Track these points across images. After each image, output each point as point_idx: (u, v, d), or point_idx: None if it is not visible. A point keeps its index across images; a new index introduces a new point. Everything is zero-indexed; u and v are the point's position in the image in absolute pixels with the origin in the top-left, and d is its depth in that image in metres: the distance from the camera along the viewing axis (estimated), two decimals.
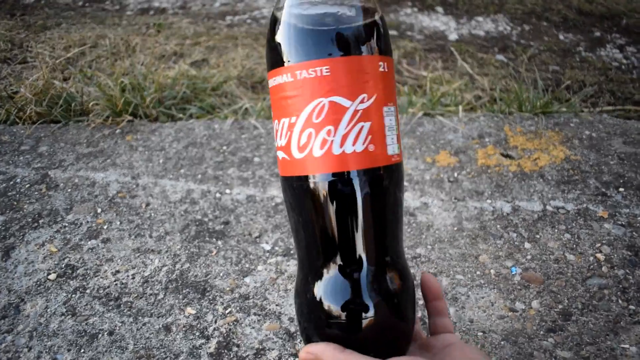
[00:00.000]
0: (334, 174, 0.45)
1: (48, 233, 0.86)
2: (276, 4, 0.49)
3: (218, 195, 0.93)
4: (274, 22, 0.47)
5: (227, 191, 0.94)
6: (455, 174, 0.97)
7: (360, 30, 0.45)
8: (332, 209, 0.46)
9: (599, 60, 1.89)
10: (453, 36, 1.95)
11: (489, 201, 0.91)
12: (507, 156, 1.03)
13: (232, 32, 1.87)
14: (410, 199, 0.91)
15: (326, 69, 0.44)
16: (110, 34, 1.83)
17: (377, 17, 0.47)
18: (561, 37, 2.06)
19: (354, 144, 0.45)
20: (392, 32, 1.94)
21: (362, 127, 0.45)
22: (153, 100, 1.21)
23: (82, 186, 0.97)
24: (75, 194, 0.95)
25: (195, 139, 1.09)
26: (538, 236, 0.84)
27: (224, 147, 1.06)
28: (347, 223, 0.46)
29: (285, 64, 0.45)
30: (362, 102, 0.45)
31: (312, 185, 0.46)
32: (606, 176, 0.99)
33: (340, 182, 0.45)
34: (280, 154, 0.48)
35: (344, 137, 0.44)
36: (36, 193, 0.96)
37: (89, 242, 0.84)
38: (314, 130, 0.45)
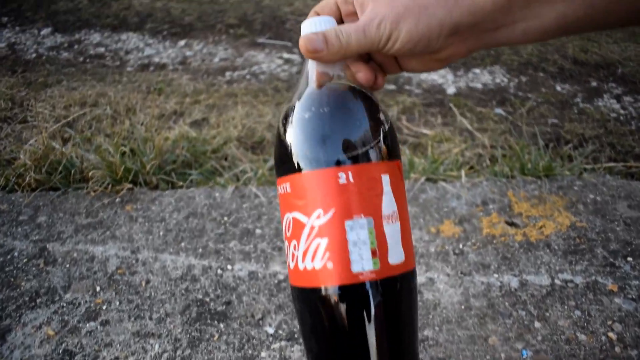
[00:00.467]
0: (309, 288, 0.46)
1: (45, 314, 0.84)
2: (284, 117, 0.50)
3: (219, 271, 0.91)
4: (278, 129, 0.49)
5: (229, 267, 0.92)
6: (461, 246, 0.96)
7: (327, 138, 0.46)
8: (317, 320, 0.46)
9: (597, 111, 1.91)
10: (451, 90, 1.97)
11: (495, 275, 0.90)
12: (512, 224, 1.02)
13: (231, 89, 1.89)
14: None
15: (288, 185, 0.46)
16: (110, 92, 1.84)
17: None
18: (558, 87, 2.08)
19: (312, 260, 0.44)
20: (390, 87, 1.96)
21: (319, 244, 0.44)
22: (153, 167, 1.20)
23: (80, 261, 0.95)
24: (73, 269, 0.93)
25: (196, 209, 1.08)
26: (548, 314, 0.83)
27: (225, 218, 1.05)
28: (330, 335, 0.46)
29: (276, 175, 0.50)
30: (317, 217, 0.44)
31: (297, 294, 0.48)
32: (613, 244, 0.98)
33: (314, 297, 0.45)
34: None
35: (304, 253, 0.44)
36: (34, 268, 0.94)
37: (88, 325, 0.82)
38: (287, 242, 0.47)
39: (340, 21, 0.53)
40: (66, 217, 1.07)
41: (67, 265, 0.94)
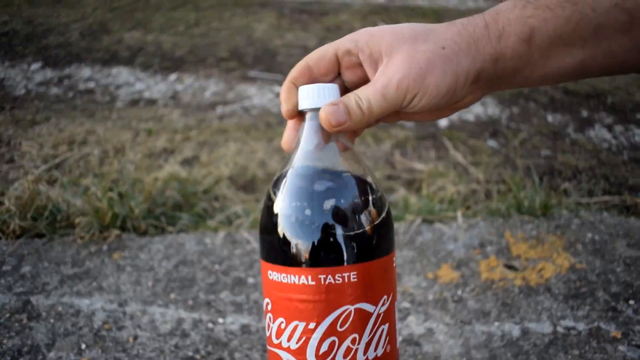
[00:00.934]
0: None
1: None
2: (274, 184, 0.48)
3: (210, 325, 0.88)
4: (275, 210, 0.46)
5: (220, 320, 0.89)
6: (459, 292, 0.94)
7: (381, 228, 0.46)
8: None
9: (589, 142, 1.90)
10: (444, 122, 1.97)
11: (496, 323, 0.87)
12: (510, 267, 0.99)
13: (222, 125, 1.87)
14: (414, 324, 0.86)
15: (354, 274, 0.43)
16: (99, 130, 1.82)
17: (386, 210, 0.47)
18: (550, 118, 2.09)
19: (375, 349, 0.44)
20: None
21: (382, 330, 0.45)
22: (142, 211, 1.17)
23: (65, 315, 0.91)
24: (58, 325, 0.89)
25: (186, 257, 1.05)
26: None
27: (216, 266, 1.02)
28: None
29: (303, 265, 0.44)
30: (383, 304, 0.44)
31: None
32: (614, 286, 0.95)
33: None
34: (285, 356, 0.44)
35: (368, 344, 0.44)
36: (16, 324, 0.90)
37: None
38: (337, 338, 0.43)
39: (337, 74, 0.51)
40: (51, 266, 1.04)
41: (52, 321, 0.90)
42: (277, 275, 0.45)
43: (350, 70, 0.50)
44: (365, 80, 0.49)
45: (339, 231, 0.44)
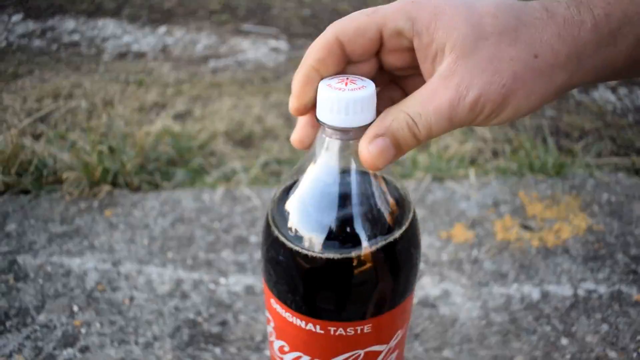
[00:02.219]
0: None
1: (16, 339, 0.74)
2: (278, 206, 0.40)
3: (212, 286, 0.82)
4: (280, 243, 0.39)
5: (222, 280, 0.83)
6: (475, 253, 0.88)
7: (409, 274, 0.41)
8: None
9: (593, 103, 1.84)
10: None
11: (515, 285, 0.82)
12: (526, 227, 0.94)
13: (216, 79, 1.78)
14: (429, 285, 0.81)
15: (368, 327, 0.38)
16: (86, 83, 1.72)
17: (418, 253, 0.43)
18: None
19: None
20: None
21: (391, 358, 0.43)
22: (134, 166, 1.10)
23: (55, 276, 0.85)
24: (47, 286, 0.83)
25: (183, 214, 0.98)
26: (574, 329, 0.75)
27: (216, 224, 0.95)
28: None
29: (312, 316, 0.39)
30: (396, 338, 0.42)
31: None
32: (633, 249, 0.91)
33: None
34: None
35: None
36: (3, 285, 0.83)
37: (65, 352, 0.72)
38: None
39: (374, 56, 0.37)
40: (38, 224, 0.96)
41: (41, 281, 0.84)
42: (281, 310, 0.41)
43: (396, 55, 0.37)
44: (412, 66, 0.37)
45: (359, 287, 0.38)
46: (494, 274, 0.84)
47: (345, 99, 0.33)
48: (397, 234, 0.38)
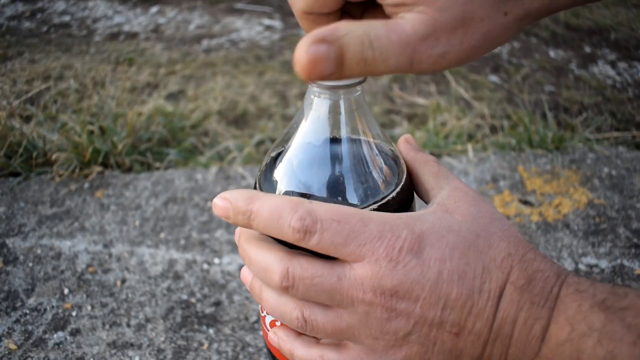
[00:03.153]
0: None
1: (6, 324, 0.72)
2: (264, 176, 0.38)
3: (206, 266, 0.80)
4: None
5: (216, 260, 0.81)
6: None
7: None
8: None
9: (593, 78, 1.81)
10: None
11: None
12: (526, 203, 0.92)
13: (209, 59, 1.74)
14: None
15: None
16: (77, 64, 1.68)
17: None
18: (552, 54, 1.98)
19: None
20: None
21: None
22: (126, 146, 1.07)
23: (45, 259, 0.83)
24: (37, 269, 0.81)
25: (175, 194, 0.95)
26: None
27: (209, 203, 0.93)
28: None
29: None
30: None
31: None
32: (635, 223, 0.89)
33: None
34: None
35: None
36: None
37: (55, 335, 0.70)
38: None
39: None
40: (28, 206, 0.94)
41: (30, 264, 0.81)
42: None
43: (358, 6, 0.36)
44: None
45: None
46: None
47: None
48: (389, 196, 0.36)
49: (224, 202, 0.35)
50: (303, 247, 0.32)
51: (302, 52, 0.28)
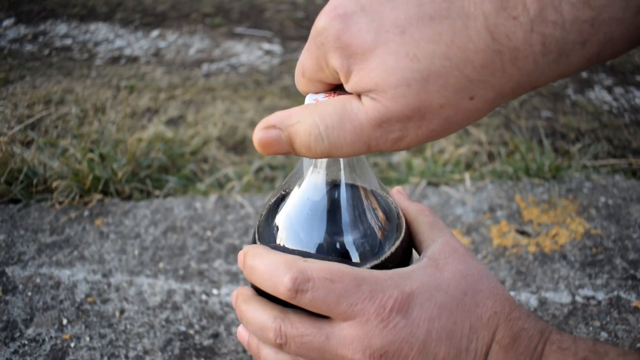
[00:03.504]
0: None
1: (4, 355, 0.72)
2: (265, 226, 0.39)
3: (204, 297, 0.80)
4: None
5: (215, 291, 0.81)
6: None
7: None
8: None
9: (589, 103, 1.83)
10: None
11: (512, 293, 0.81)
12: (523, 233, 0.93)
13: (209, 83, 1.76)
14: None
15: None
16: (78, 88, 1.70)
17: None
18: None
19: None
20: None
21: None
22: (126, 174, 1.08)
23: (44, 288, 0.83)
24: (36, 298, 0.81)
25: (174, 222, 0.96)
26: None
27: (208, 233, 0.93)
28: None
29: None
30: None
31: None
32: (632, 253, 0.90)
33: None
34: None
35: None
36: None
37: None
38: None
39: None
40: (28, 234, 0.95)
41: (29, 294, 0.82)
42: None
43: None
44: None
45: None
46: None
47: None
48: (387, 254, 0.36)
49: (239, 255, 0.38)
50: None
51: (255, 133, 0.32)
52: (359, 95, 0.31)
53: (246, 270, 0.36)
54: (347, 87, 0.31)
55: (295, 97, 1.63)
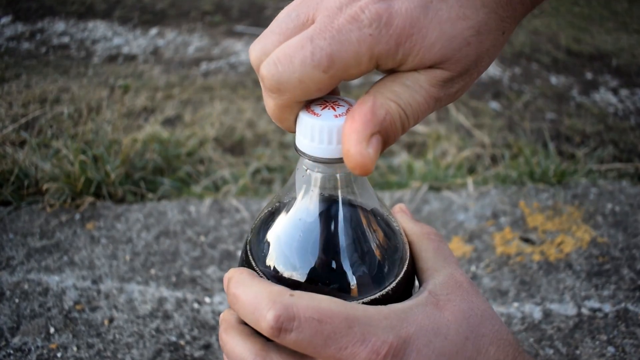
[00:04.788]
0: None
1: None
2: (252, 247, 0.36)
3: (196, 305, 0.78)
4: None
5: (207, 299, 0.79)
6: (473, 268, 0.84)
7: None
8: None
9: (594, 105, 1.80)
10: None
11: (516, 304, 0.78)
12: (527, 240, 0.90)
13: (207, 82, 1.74)
14: None
15: None
16: (74, 87, 1.68)
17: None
18: (553, 80, 1.98)
19: None
20: (376, 77, 1.83)
21: None
22: (119, 176, 1.06)
23: (32, 294, 0.81)
24: (24, 305, 0.79)
25: (167, 227, 0.94)
26: (578, 352, 0.71)
27: (202, 238, 0.91)
28: None
29: None
30: None
31: None
32: (639, 263, 0.87)
33: None
34: None
35: None
36: None
37: None
38: None
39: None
40: (17, 238, 0.92)
41: (17, 300, 0.79)
42: None
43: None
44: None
45: None
46: (493, 292, 0.80)
47: (328, 127, 0.29)
48: (387, 288, 0.33)
49: (224, 279, 0.36)
50: None
51: (363, 154, 0.28)
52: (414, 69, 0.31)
53: (229, 297, 0.33)
54: (401, 68, 0.30)
55: None
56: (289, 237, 0.33)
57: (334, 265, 0.32)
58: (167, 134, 1.32)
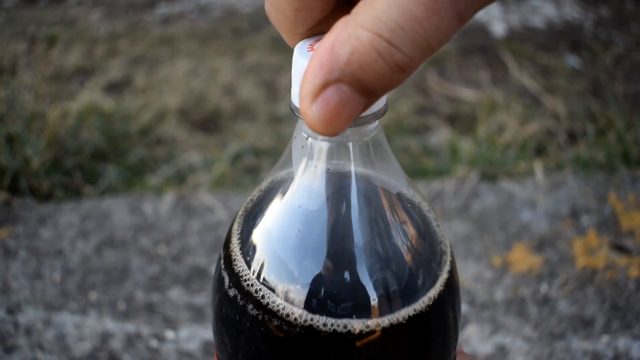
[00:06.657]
0: None
1: None
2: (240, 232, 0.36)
3: (154, 342, 0.79)
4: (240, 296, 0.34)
5: (170, 334, 0.80)
6: (544, 288, 0.85)
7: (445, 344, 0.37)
8: None
9: None
10: (499, 29, 1.87)
11: (605, 338, 0.79)
12: (621, 249, 0.91)
13: (167, 33, 1.76)
14: (476, 338, 0.78)
15: None
16: None
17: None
18: None
19: None
20: None
21: None
22: (45, 163, 1.07)
23: None
24: None
25: (113, 233, 0.95)
26: None
27: (163, 248, 0.92)
28: None
29: None
30: None
31: None
32: None
33: None
34: None
35: None
36: None
37: None
38: None
39: None
40: None
41: None
42: None
43: None
44: None
45: None
46: (572, 320, 0.81)
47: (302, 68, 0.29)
48: (427, 294, 0.33)
49: None
50: None
51: (309, 114, 0.27)
52: None
53: None
54: None
55: (290, 52, 1.62)
56: (285, 232, 0.33)
57: (347, 275, 0.32)
58: (111, 104, 1.33)
